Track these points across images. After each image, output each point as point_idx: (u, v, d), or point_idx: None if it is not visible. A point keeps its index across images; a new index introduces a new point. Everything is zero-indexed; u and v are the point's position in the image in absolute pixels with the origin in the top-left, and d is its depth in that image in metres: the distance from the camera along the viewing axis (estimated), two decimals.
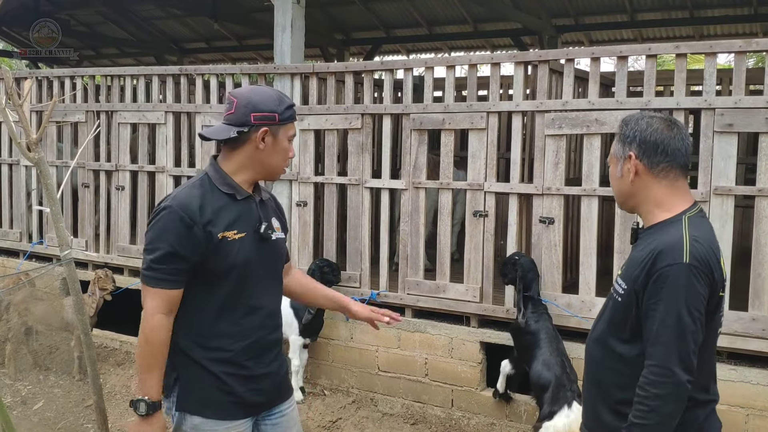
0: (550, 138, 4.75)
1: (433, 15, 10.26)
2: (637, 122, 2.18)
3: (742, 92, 4.23)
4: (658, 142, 2.13)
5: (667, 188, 2.15)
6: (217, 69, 6.50)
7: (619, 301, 2.13)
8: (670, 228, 2.09)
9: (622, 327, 2.12)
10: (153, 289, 2.26)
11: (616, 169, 2.22)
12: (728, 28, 9.42)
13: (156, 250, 2.25)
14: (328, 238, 5.69)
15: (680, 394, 1.97)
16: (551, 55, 4.90)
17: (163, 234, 2.25)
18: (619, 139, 2.20)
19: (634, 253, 2.17)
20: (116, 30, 12.42)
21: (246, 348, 2.37)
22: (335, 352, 5.62)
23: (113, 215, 6.76)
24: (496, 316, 4.98)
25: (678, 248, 2.01)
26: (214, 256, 2.28)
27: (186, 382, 2.34)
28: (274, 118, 2.33)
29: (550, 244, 4.78)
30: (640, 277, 2.05)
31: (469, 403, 5.08)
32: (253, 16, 10.59)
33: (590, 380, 2.27)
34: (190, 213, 2.25)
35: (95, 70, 7.29)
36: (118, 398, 5.73)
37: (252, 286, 2.36)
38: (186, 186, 2.38)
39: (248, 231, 2.36)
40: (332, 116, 5.57)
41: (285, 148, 2.39)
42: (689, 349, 1.98)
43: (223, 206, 2.32)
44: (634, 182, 2.16)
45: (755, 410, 4.20)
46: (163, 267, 2.24)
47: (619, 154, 2.19)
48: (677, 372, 1.96)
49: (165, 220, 2.26)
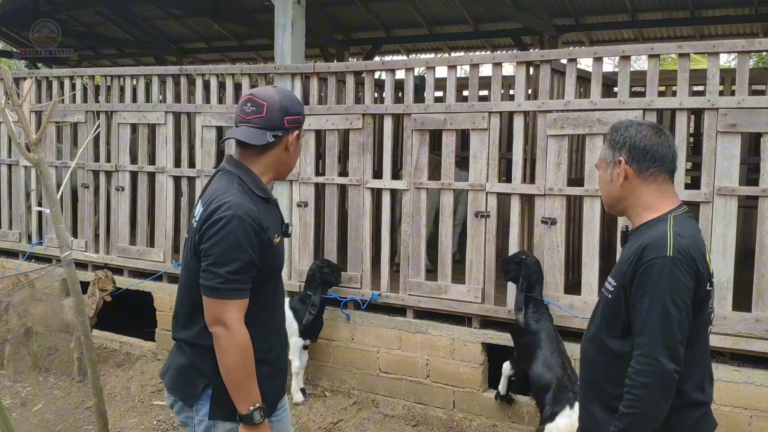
0: (552, 138, 4.73)
1: (434, 15, 10.23)
2: (627, 129, 2.26)
3: (746, 92, 4.21)
4: (647, 148, 2.21)
5: (655, 192, 2.23)
6: (218, 69, 6.47)
7: (610, 299, 2.20)
8: (656, 225, 2.17)
9: (614, 324, 2.18)
10: (234, 301, 2.22)
11: (605, 173, 2.29)
12: (729, 28, 9.40)
13: (233, 261, 2.20)
14: (329, 238, 5.67)
15: (667, 382, 2.03)
16: (553, 54, 4.88)
17: (239, 243, 2.20)
18: (609, 145, 2.28)
19: (623, 252, 2.26)
20: (115, 30, 12.39)
21: (275, 344, 2.42)
22: (336, 353, 5.60)
23: (113, 216, 6.73)
24: (497, 316, 4.96)
25: (662, 242, 2.08)
26: (268, 260, 2.32)
27: (219, 388, 2.28)
28: (302, 120, 2.41)
29: (552, 244, 4.76)
30: (627, 273, 2.12)
31: (471, 404, 5.06)
32: (253, 16, 10.57)
33: (585, 379, 2.33)
34: (257, 220, 2.25)
35: (95, 70, 7.27)
36: (117, 400, 5.71)
37: (280, 298, 2.49)
38: (232, 191, 2.30)
39: (278, 231, 2.42)
40: (333, 116, 5.54)
41: (300, 147, 2.48)
42: (675, 339, 2.04)
43: (265, 210, 2.35)
44: (624, 186, 2.24)
45: (759, 411, 4.18)
46: (242, 277, 2.22)
47: (609, 159, 2.27)
48: (663, 361, 2.01)
49: (237, 230, 2.20)
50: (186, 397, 2.35)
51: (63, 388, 5.96)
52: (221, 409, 2.29)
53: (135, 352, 6.59)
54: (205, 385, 2.31)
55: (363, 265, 5.48)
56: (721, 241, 4.23)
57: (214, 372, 2.28)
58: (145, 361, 6.34)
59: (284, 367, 2.54)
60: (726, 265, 4.23)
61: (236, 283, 2.21)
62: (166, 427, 5.19)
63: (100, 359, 6.48)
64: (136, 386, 5.90)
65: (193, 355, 2.35)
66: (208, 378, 2.30)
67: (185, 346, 2.38)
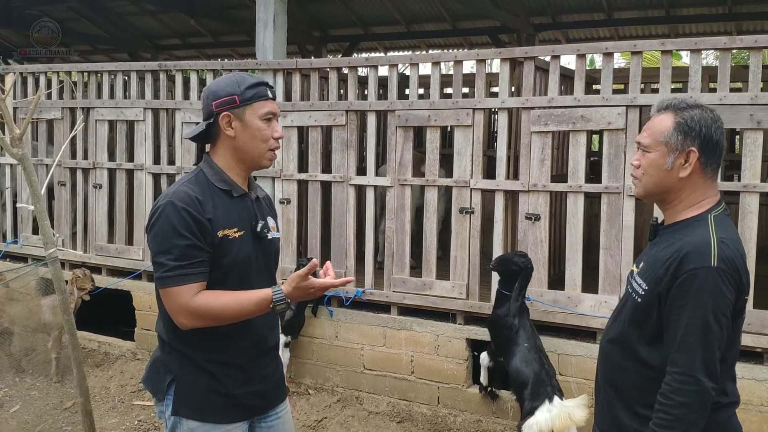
0: (536, 135, 4.75)
1: (412, 12, 10.22)
2: (702, 115, 2.03)
3: (727, 89, 4.27)
4: (719, 142, 2.02)
5: (707, 189, 2.07)
6: (198, 65, 6.39)
7: (639, 302, 2.05)
8: (696, 227, 2.01)
9: (643, 329, 2.05)
10: (183, 287, 2.14)
11: (664, 158, 2.04)
12: (703, 26, 9.53)
13: (173, 247, 2.13)
14: (313, 236, 5.64)
15: (705, 402, 1.92)
16: (537, 51, 4.91)
17: (174, 229, 2.13)
18: (678, 128, 2.02)
19: (656, 252, 2.08)
20: (89, 26, 12.19)
21: (245, 348, 2.30)
22: (320, 350, 5.57)
23: (90, 214, 6.63)
24: (482, 312, 4.97)
25: (706, 250, 1.93)
26: (216, 254, 2.20)
27: (183, 384, 2.27)
28: (234, 101, 2.24)
29: (536, 240, 4.79)
30: (664, 279, 1.97)
31: (456, 400, 5.07)
32: (229, 12, 10.47)
33: (606, 382, 2.19)
34: (195, 207, 2.17)
35: (72, 66, 7.15)
36: (97, 400, 5.63)
37: (250, 285, 2.28)
38: (181, 182, 2.28)
39: (246, 229, 2.29)
40: (316, 113, 5.52)
41: (258, 128, 2.26)
42: (714, 357, 1.92)
43: (221, 203, 2.25)
44: (684, 179, 2.03)
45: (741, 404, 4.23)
46: (187, 263, 2.13)
47: (677, 145, 2.02)
48: (702, 380, 1.90)
49: (171, 216, 2.14)
50: (156, 391, 2.34)
51: (40, 388, 5.86)
52: (185, 407, 2.27)
53: (114, 352, 6.50)
54: (171, 380, 2.28)
55: (347, 262, 5.47)
56: None
57: (179, 368, 2.27)
58: (124, 361, 6.26)
59: (265, 373, 2.38)
60: None
61: (181, 269, 2.13)
62: (147, 427, 5.13)
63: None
64: (116, 386, 5.82)
65: (163, 349, 2.34)
66: (173, 374, 2.28)
67: (159, 341, 2.37)
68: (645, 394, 2.03)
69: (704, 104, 2.09)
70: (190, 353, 2.26)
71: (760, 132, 4.17)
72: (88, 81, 6.66)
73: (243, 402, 2.32)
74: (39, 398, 5.67)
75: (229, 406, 2.29)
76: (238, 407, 2.31)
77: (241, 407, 2.33)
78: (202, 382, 2.26)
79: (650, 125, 2.10)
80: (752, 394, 4.22)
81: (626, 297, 2.16)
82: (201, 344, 2.25)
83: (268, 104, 2.28)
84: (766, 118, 4.12)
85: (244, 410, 2.34)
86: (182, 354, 2.27)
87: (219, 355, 2.27)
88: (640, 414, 2.05)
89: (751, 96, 4.16)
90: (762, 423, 4.19)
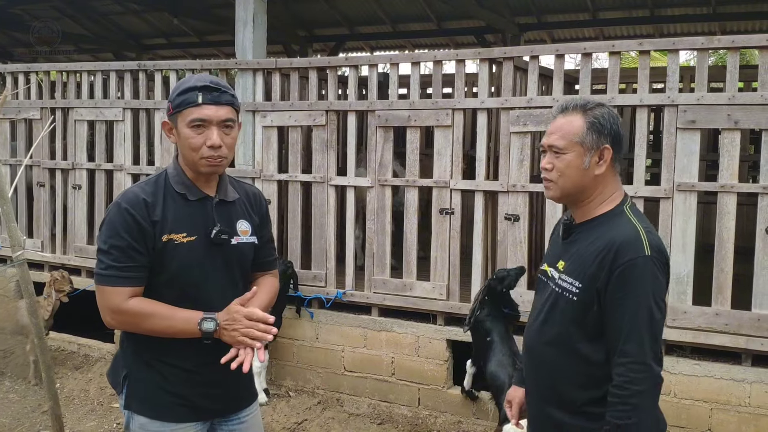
0: (515, 135, 4.73)
1: (397, 12, 10.21)
2: (609, 112, 2.07)
3: (705, 89, 4.27)
4: (622, 134, 2.09)
5: (615, 182, 2.11)
6: (177, 65, 6.34)
7: (576, 300, 2.03)
8: (618, 220, 2.05)
9: (583, 327, 2.03)
10: (114, 289, 2.13)
11: (580, 159, 2.04)
12: (688, 26, 9.56)
13: (111, 248, 2.13)
14: (293, 237, 5.60)
15: (658, 387, 1.96)
16: (516, 52, 4.90)
17: (114, 230, 2.14)
18: (592, 128, 2.03)
19: (579, 249, 2.07)
20: (73, 26, 12.10)
21: (192, 354, 2.23)
22: (300, 352, 5.54)
23: (70, 215, 6.57)
24: (462, 313, 4.94)
25: (636, 241, 1.96)
26: (160, 258, 2.16)
27: (134, 381, 2.28)
28: (168, 108, 2.22)
29: (515, 241, 4.77)
30: (601, 275, 1.97)
31: (436, 401, 5.05)
32: (213, 12, 10.41)
33: (543, 385, 2.16)
34: (138, 209, 2.15)
35: (50, 66, 7.08)
36: (76, 403, 5.58)
37: (205, 292, 2.23)
38: (138, 183, 2.30)
39: (199, 234, 2.22)
40: (296, 113, 5.48)
41: (186, 136, 2.16)
42: (659, 342, 1.97)
43: (175, 206, 2.21)
44: (598, 176, 2.06)
45: (719, 404, 4.24)
46: (122, 265, 2.12)
47: (591, 144, 2.03)
48: (654, 366, 1.93)
49: (113, 217, 2.16)
50: (114, 384, 2.35)
51: (19, 391, 5.81)
52: (134, 402, 2.27)
53: (94, 354, 6.44)
54: (125, 375, 2.29)
55: (327, 263, 5.43)
56: (681, 236, 4.29)
57: (131, 364, 2.28)
58: (104, 363, 6.20)
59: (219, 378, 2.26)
60: (686, 260, 4.28)
61: (115, 270, 2.11)
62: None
63: (57, 361, 6.33)
64: (95, 389, 5.76)
65: (121, 345, 2.37)
66: (127, 369, 2.29)
67: (122, 335, 2.36)
68: (589, 392, 2.03)
69: (604, 102, 2.14)
70: (139, 350, 2.27)
71: (738, 132, 4.17)
72: (67, 81, 6.60)
73: (193, 402, 2.27)
74: (17, 401, 5.62)
75: (177, 405, 2.26)
76: (186, 407, 2.27)
77: (191, 408, 2.28)
78: (150, 379, 2.26)
79: (559, 127, 2.08)
80: (730, 394, 4.22)
81: (554, 297, 2.11)
82: (148, 343, 2.23)
83: (199, 110, 2.15)
84: (743, 118, 4.12)
85: (196, 411, 2.29)
86: (133, 350, 2.28)
87: (165, 356, 2.24)
88: (587, 412, 2.04)
89: (728, 96, 4.16)
90: (740, 423, 4.20)
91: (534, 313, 2.23)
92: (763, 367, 4.20)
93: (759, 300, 4.14)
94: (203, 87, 2.16)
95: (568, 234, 2.16)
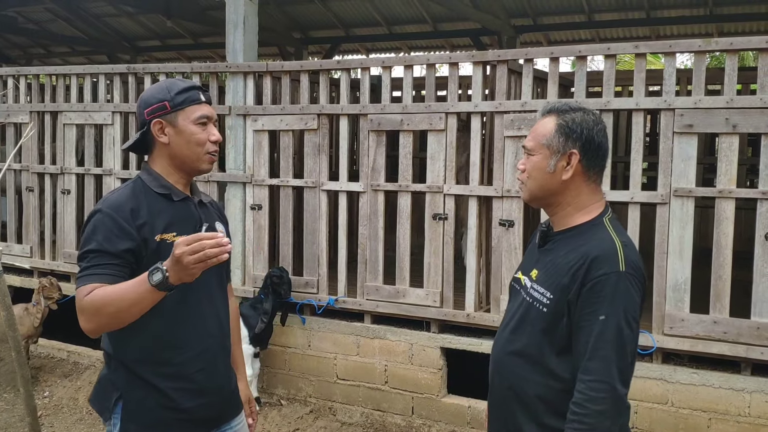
0: (510, 139, 4.65)
1: (393, 14, 10.14)
2: (584, 117, 2.01)
3: (702, 92, 4.19)
4: (601, 144, 2.02)
5: (593, 192, 2.05)
6: (167, 68, 6.25)
7: (546, 312, 1.97)
8: (596, 232, 1.99)
9: (552, 339, 1.97)
10: (78, 289, 2.08)
11: (546, 161, 2.00)
12: (684, 28, 9.49)
13: (89, 252, 2.10)
14: (285, 242, 5.51)
15: (620, 409, 1.89)
16: (510, 54, 4.81)
17: (93, 235, 2.11)
18: (560, 131, 1.99)
19: (553, 259, 2.02)
20: (67, 28, 12.03)
21: (194, 358, 2.22)
22: (292, 360, 5.45)
23: (59, 220, 6.48)
24: (456, 321, 4.87)
25: (612, 255, 1.90)
26: (155, 259, 2.09)
27: (130, 402, 2.19)
28: (164, 107, 2.21)
29: (510, 246, 4.69)
30: (572, 287, 1.91)
31: (430, 410, 4.96)
32: (207, 14, 10.31)
33: (508, 396, 2.08)
34: (122, 214, 2.12)
35: (39, 69, 6.99)
36: (65, 411, 5.50)
37: (197, 291, 2.20)
38: (116, 190, 2.26)
39: (188, 233, 2.16)
40: (287, 116, 5.39)
41: (191, 132, 2.22)
42: (628, 362, 1.89)
43: (160, 208, 2.20)
44: (566, 182, 2.01)
45: (717, 414, 4.16)
46: (94, 264, 2.08)
47: (558, 147, 1.99)
48: (617, 387, 1.85)
49: (95, 222, 2.13)
50: (102, 410, 2.26)
51: (8, 399, 5.72)
52: (133, 424, 2.18)
53: (83, 362, 6.35)
54: (117, 397, 2.20)
55: (319, 269, 5.35)
56: (678, 243, 4.20)
57: (126, 384, 2.19)
58: (93, 371, 6.10)
59: (220, 383, 2.30)
60: (683, 267, 4.20)
61: (93, 268, 2.07)
62: None
63: (46, 369, 6.25)
64: (84, 397, 5.67)
65: (109, 366, 2.26)
66: (120, 390, 2.20)
67: (105, 357, 2.28)
68: (552, 405, 1.97)
69: (588, 108, 2.08)
70: (136, 367, 2.19)
71: (736, 136, 4.10)
72: (56, 84, 6.51)
73: (193, 416, 2.24)
74: (5, 409, 5.53)
75: (179, 421, 2.22)
76: (187, 422, 2.24)
77: (191, 422, 2.25)
78: (151, 399, 2.18)
79: (534, 128, 2.07)
80: (729, 404, 4.14)
81: (525, 307, 2.06)
82: (146, 356, 2.18)
83: (202, 108, 2.24)
84: (742, 122, 4.04)
85: (197, 425, 2.27)
86: (128, 369, 2.20)
87: (167, 367, 2.19)
88: (548, 425, 1.97)
89: (726, 99, 4.08)
90: None
91: (504, 322, 2.17)
92: (763, 376, 4.12)
93: (758, 308, 4.06)
94: (200, 87, 2.28)
95: (544, 242, 2.11)
